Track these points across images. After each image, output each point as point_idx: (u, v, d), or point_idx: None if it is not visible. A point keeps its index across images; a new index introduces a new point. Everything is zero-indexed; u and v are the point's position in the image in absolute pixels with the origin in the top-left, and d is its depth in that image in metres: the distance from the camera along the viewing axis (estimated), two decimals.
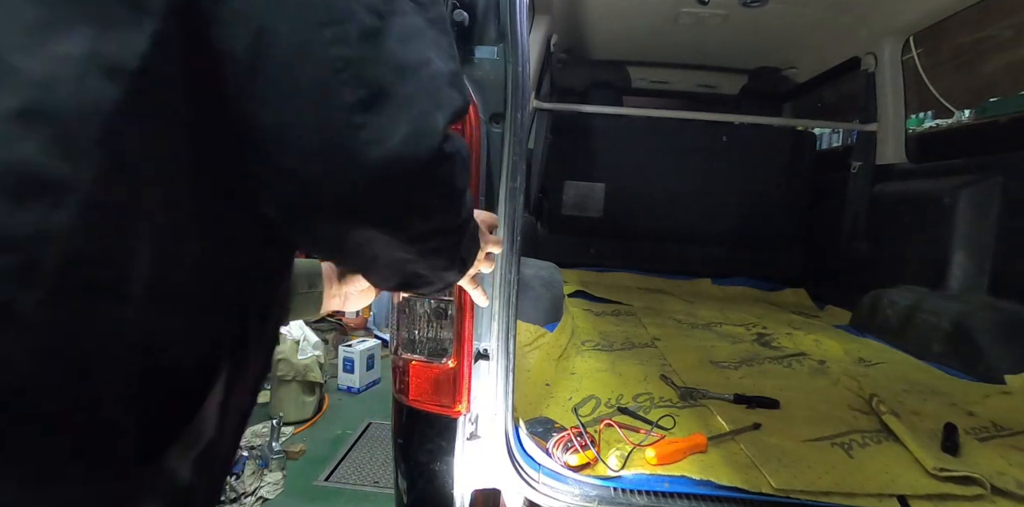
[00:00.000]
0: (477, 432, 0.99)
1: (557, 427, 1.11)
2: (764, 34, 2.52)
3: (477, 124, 0.91)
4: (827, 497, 0.95)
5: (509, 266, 0.97)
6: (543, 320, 1.61)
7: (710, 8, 2.23)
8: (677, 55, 2.92)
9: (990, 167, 1.89)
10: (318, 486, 2.26)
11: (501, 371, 0.98)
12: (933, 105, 3.00)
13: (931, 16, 2.13)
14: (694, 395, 1.33)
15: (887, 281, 2.13)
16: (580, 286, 2.46)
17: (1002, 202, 1.84)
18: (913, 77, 2.90)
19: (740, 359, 1.68)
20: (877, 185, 2.39)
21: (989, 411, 1.35)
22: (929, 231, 2.03)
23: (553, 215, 2.85)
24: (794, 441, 1.12)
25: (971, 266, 1.90)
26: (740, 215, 2.83)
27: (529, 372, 1.35)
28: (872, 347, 1.89)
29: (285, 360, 2.77)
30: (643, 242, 2.87)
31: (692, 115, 2.69)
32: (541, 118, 2.59)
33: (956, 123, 2.46)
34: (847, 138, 3.26)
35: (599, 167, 2.81)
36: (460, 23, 0.92)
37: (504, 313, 0.97)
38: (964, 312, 1.72)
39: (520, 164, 0.96)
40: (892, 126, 2.37)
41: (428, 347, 0.97)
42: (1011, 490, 0.98)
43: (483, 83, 0.93)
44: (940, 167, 2.14)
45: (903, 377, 1.60)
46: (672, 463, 1.01)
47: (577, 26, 2.59)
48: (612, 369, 1.50)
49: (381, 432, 2.71)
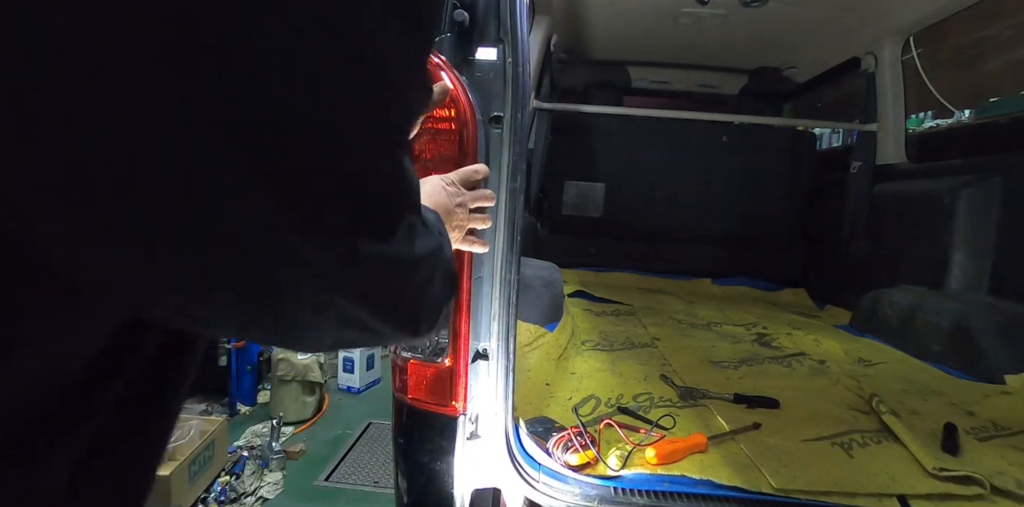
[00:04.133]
0: (477, 432, 0.99)
1: (557, 427, 1.11)
2: (764, 34, 2.52)
3: (475, 124, 0.91)
4: (827, 497, 0.95)
5: (509, 266, 0.97)
6: (543, 320, 1.61)
7: (710, 8, 2.23)
8: (677, 55, 2.91)
9: (990, 167, 1.89)
10: (318, 486, 2.26)
11: (501, 371, 0.98)
12: (933, 105, 3.00)
13: (931, 16, 2.13)
14: (694, 395, 1.33)
15: (887, 281, 2.12)
16: (580, 286, 2.46)
17: (1002, 202, 1.84)
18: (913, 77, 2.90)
19: (740, 359, 1.68)
20: (877, 185, 2.39)
21: (989, 411, 1.35)
22: (929, 231, 2.03)
23: (553, 215, 2.85)
24: (794, 441, 1.12)
25: (971, 266, 1.90)
26: (740, 215, 2.82)
27: (529, 372, 1.35)
28: (872, 347, 1.89)
29: (285, 360, 2.77)
30: (643, 242, 2.87)
31: (692, 115, 2.69)
32: (541, 118, 2.59)
33: (956, 123, 2.47)
34: (847, 138, 3.27)
35: (599, 167, 2.81)
36: (460, 23, 0.92)
37: (504, 313, 0.97)
38: (964, 312, 1.72)
39: (520, 164, 0.96)
40: (892, 126, 2.37)
41: (425, 346, 0.97)
42: (1011, 490, 0.98)
43: (483, 83, 0.93)
44: (940, 167, 2.14)
45: (903, 377, 1.60)
46: (672, 463, 1.01)
47: (577, 26, 2.59)
48: (612, 369, 1.50)
49: (381, 432, 2.72)
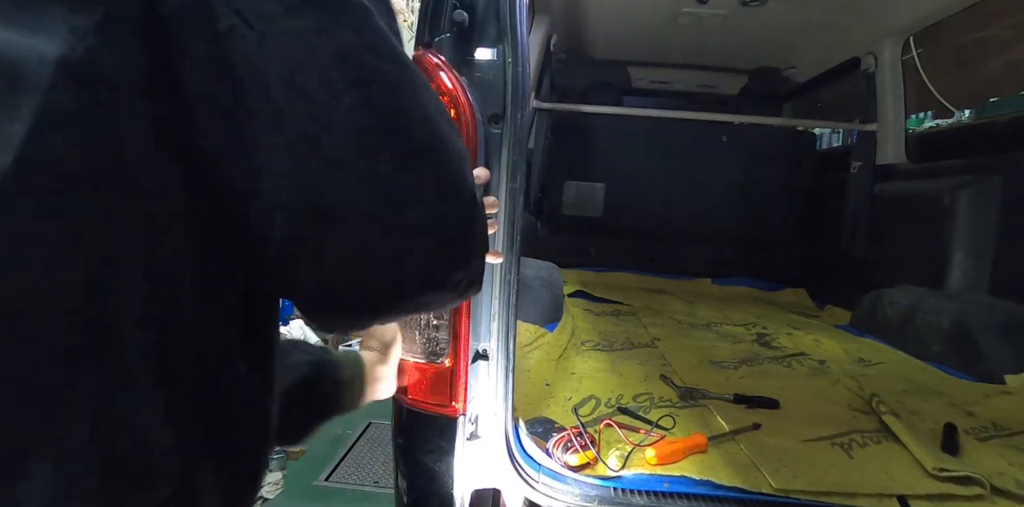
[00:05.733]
0: (477, 432, 0.99)
1: (557, 427, 1.11)
2: (764, 34, 2.52)
3: (475, 124, 0.91)
4: (827, 497, 0.95)
5: (509, 266, 0.96)
6: (543, 320, 1.61)
7: (710, 8, 2.23)
8: (677, 55, 2.91)
9: (990, 167, 1.89)
10: (318, 486, 2.26)
11: (501, 371, 0.98)
12: (933, 105, 3.00)
13: (931, 16, 2.13)
14: (694, 395, 1.32)
15: (887, 281, 2.12)
16: (580, 286, 2.46)
17: (1002, 202, 1.84)
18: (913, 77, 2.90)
19: (740, 359, 1.68)
20: (877, 185, 2.39)
21: (989, 411, 1.35)
22: (929, 231, 2.03)
23: (553, 215, 2.85)
24: (794, 441, 1.12)
25: (971, 266, 1.90)
26: (740, 215, 2.82)
27: (529, 372, 1.35)
28: (872, 347, 1.89)
29: None
30: (643, 242, 2.87)
31: (692, 115, 2.69)
32: (541, 118, 2.59)
33: (956, 123, 2.47)
34: (847, 138, 3.27)
35: (599, 167, 2.81)
36: (460, 23, 0.91)
37: (504, 313, 0.97)
38: (964, 312, 1.72)
39: (520, 164, 0.95)
40: (892, 126, 2.37)
41: (425, 347, 0.97)
42: (1011, 490, 0.98)
43: (483, 83, 0.93)
44: (940, 167, 2.14)
45: (903, 377, 1.60)
46: (672, 463, 1.01)
47: (577, 26, 2.59)
48: (612, 369, 1.50)
49: (381, 432, 2.71)
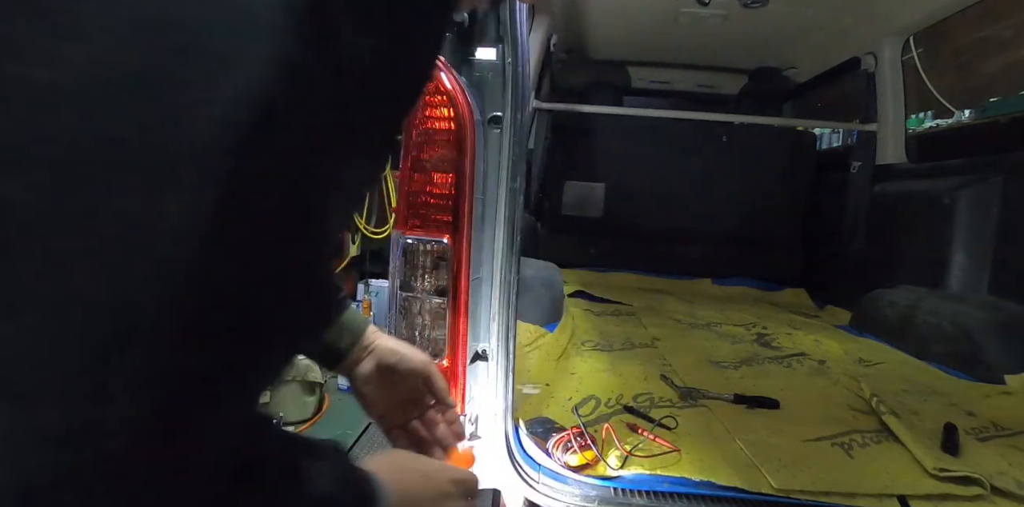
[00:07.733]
0: (477, 432, 0.99)
1: (557, 427, 1.11)
2: (764, 34, 2.52)
3: (475, 125, 0.91)
4: (827, 497, 0.95)
5: (509, 266, 0.96)
6: (543, 320, 1.61)
7: (710, 8, 2.23)
8: (677, 55, 2.91)
9: (990, 167, 1.89)
10: None
11: (501, 372, 0.98)
12: (933, 105, 3.00)
13: (931, 16, 2.13)
14: (694, 395, 1.32)
15: (887, 281, 2.12)
16: (580, 286, 2.46)
17: (1002, 202, 1.83)
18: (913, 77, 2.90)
19: (740, 359, 1.68)
20: (877, 185, 2.39)
21: (989, 411, 1.35)
22: (929, 231, 2.03)
23: (553, 215, 2.84)
24: (794, 441, 1.12)
25: (971, 266, 1.90)
26: (740, 215, 2.82)
27: (529, 372, 1.35)
28: (872, 347, 1.89)
29: None
30: (643, 242, 2.87)
31: (692, 115, 2.68)
32: (541, 118, 2.59)
33: (956, 123, 2.46)
34: (847, 138, 3.26)
35: (599, 167, 2.81)
36: (460, 23, 0.92)
37: (504, 313, 0.97)
38: (964, 312, 1.72)
39: (520, 164, 0.95)
40: (892, 126, 2.37)
41: (424, 347, 0.97)
42: (1011, 490, 0.98)
43: (482, 83, 0.93)
44: (940, 167, 2.14)
45: (903, 377, 1.60)
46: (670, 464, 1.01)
47: (577, 26, 2.59)
48: (612, 369, 1.49)
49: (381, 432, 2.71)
